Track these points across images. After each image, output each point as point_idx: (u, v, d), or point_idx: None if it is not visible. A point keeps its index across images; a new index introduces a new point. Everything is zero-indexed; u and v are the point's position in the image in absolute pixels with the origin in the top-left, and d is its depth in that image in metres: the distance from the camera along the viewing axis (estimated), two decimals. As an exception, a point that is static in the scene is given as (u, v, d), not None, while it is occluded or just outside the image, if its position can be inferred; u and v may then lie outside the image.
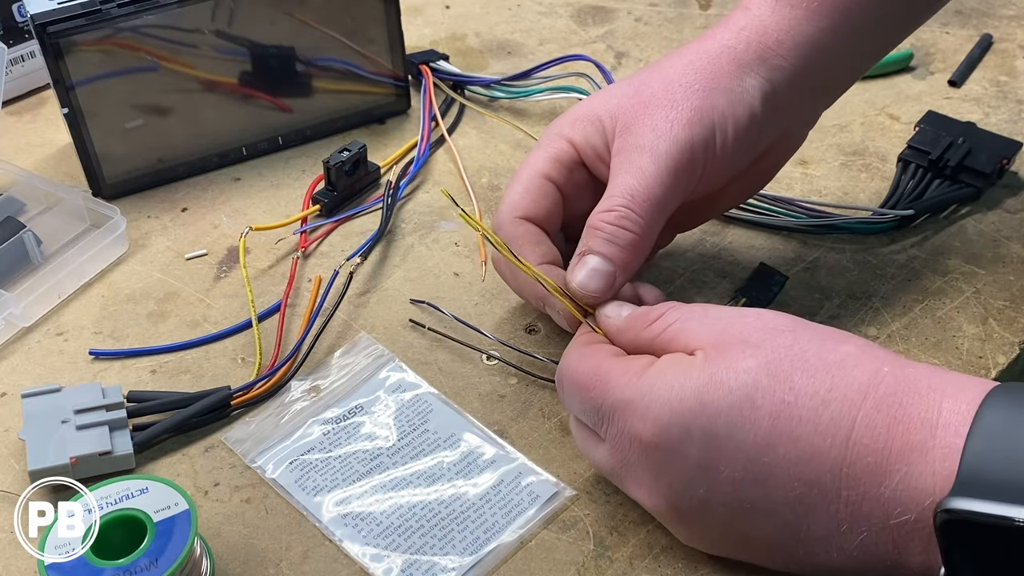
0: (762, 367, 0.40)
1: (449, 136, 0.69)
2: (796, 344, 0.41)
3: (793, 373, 0.40)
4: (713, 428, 0.40)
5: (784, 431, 0.39)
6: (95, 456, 0.49)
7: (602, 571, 0.46)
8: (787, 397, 0.39)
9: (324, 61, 0.68)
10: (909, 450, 0.37)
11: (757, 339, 0.41)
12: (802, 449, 0.39)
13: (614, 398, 0.43)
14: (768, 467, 0.39)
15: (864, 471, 0.38)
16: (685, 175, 0.49)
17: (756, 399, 0.40)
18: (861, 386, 0.39)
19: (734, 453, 0.40)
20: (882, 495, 0.38)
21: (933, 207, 0.62)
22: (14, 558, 0.47)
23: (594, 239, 0.48)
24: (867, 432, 0.38)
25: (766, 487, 0.40)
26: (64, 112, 0.62)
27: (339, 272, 0.59)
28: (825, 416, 0.39)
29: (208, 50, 0.65)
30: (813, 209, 0.62)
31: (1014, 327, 0.56)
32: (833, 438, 0.39)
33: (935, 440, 0.37)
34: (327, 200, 0.64)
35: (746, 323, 0.42)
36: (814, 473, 0.39)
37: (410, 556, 0.46)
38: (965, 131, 0.65)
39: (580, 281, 0.48)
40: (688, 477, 0.41)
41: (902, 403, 0.38)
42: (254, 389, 0.53)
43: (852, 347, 0.41)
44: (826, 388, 0.39)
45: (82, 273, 0.60)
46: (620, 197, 0.48)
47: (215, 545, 0.47)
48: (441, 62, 0.73)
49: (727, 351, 0.41)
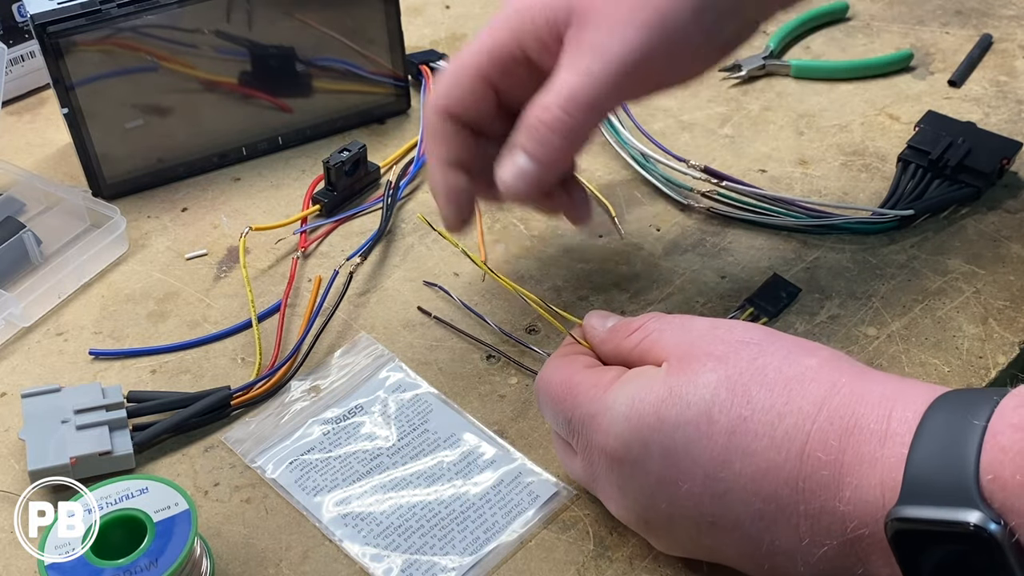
0: (722, 381, 0.40)
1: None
2: (759, 358, 0.40)
3: (751, 387, 0.39)
4: (671, 443, 0.40)
5: (740, 446, 0.39)
6: (95, 456, 0.49)
7: (602, 571, 0.46)
8: (744, 412, 0.39)
9: (324, 61, 0.68)
10: (859, 462, 0.37)
11: (722, 352, 0.41)
12: (758, 464, 0.39)
13: (582, 411, 0.43)
14: (726, 482, 0.39)
15: (819, 484, 0.38)
16: (631, 81, 0.46)
17: (713, 414, 0.39)
18: (816, 399, 0.39)
19: (692, 468, 0.40)
20: (837, 508, 0.37)
21: (933, 207, 0.62)
22: (14, 558, 0.47)
23: (527, 136, 0.47)
24: (820, 445, 0.38)
25: (725, 502, 0.39)
26: (64, 112, 0.62)
27: (339, 272, 0.59)
28: (780, 430, 0.38)
29: (208, 50, 0.65)
30: (813, 209, 0.62)
31: (1014, 327, 0.56)
32: (788, 452, 0.38)
33: (883, 451, 0.37)
34: (327, 200, 0.64)
35: (716, 336, 0.42)
36: (771, 487, 0.38)
37: (410, 556, 0.46)
38: (965, 131, 0.65)
39: (506, 180, 0.47)
40: (650, 491, 0.41)
41: (854, 414, 0.38)
42: (254, 389, 0.53)
43: (815, 360, 0.40)
44: (782, 402, 0.39)
45: (82, 273, 0.60)
46: (558, 97, 0.46)
47: (215, 545, 0.47)
48: (441, 62, 0.73)
49: (691, 363, 0.41)
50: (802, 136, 0.69)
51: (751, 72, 0.74)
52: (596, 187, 0.65)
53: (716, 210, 0.63)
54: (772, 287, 0.58)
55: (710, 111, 0.72)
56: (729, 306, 0.57)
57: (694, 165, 0.64)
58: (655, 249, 0.61)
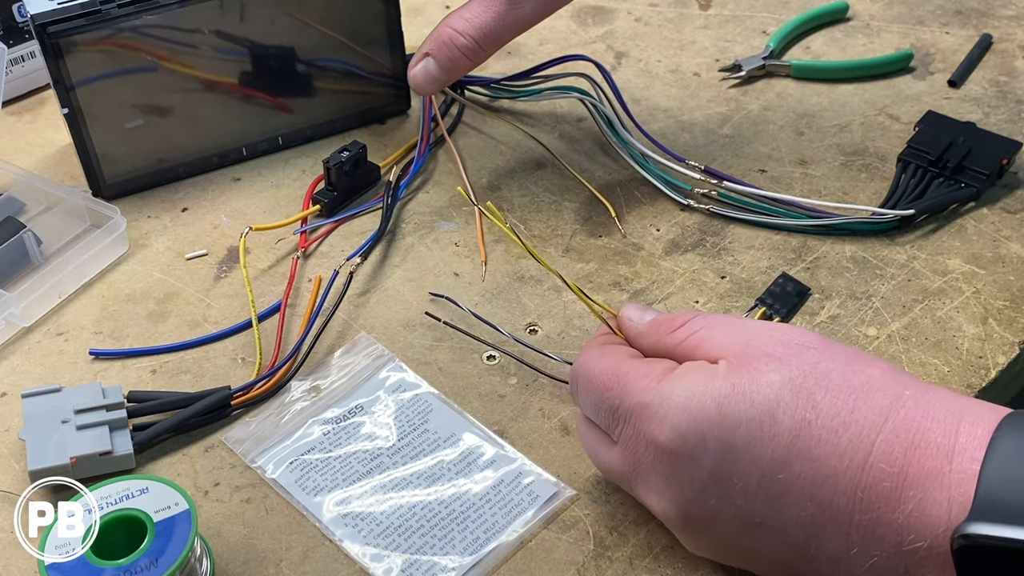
0: (786, 382, 0.40)
1: (449, 136, 0.69)
2: (821, 363, 0.40)
3: (816, 391, 0.39)
4: (731, 439, 0.39)
5: (802, 449, 0.39)
6: (95, 456, 0.49)
7: (602, 571, 0.46)
8: (808, 415, 0.39)
9: (324, 61, 0.68)
10: (925, 476, 0.37)
11: (782, 354, 0.41)
12: (818, 469, 0.38)
13: (632, 400, 0.42)
14: (783, 484, 0.39)
15: (879, 496, 0.37)
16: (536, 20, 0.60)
17: (777, 414, 0.39)
18: (882, 409, 0.39)
19: (750, 467, 0.39)
20: (896, 520, 0.37)
21: (933, 207, 0.62)
22: (14, 558, 0.47)
23: (438, 50, 0.61)
24: (884, 456, 0.38)
25: (779, 504, 0.39)
26: (64, 112, 0.62)
27: (339, 272, 0.59)
28: (844, 438, 0.38)
29: (208, 50, 0.65)
30: (813, 209, 0.62)
31: (1014, 327, 0.56)
32: (851, 460, 0.38)
33: (951, 466, 0.37)
34: (327, 200, 0.64)
35: (772, 337, 0.42)
36: (828, 494, 0.38)
37: (410, 556, 0.46)
38: (965, 131, 0.65)
39: (418, 81, 0.62)
40: (701, 486, 0.41)
41: (920, 428, 0.38)
42: (254, 389, 0.53)
43: (876, 371, 0.40)
44: (848, 409, 0.39)
45: (82, 273, 0.60)
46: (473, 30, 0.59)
47: (215, 545, 0.47)
48: None
49: (751, 363, 0.41)
50: (802, 136, 0.69)
51: (751, 72, 0.74)
52: (596, 187, 0.65)
53: (716, 210, 0.63)
54: (781, 286, 0.58)
55: (710, 111, 0.72)
56: (729, 306, 0.57)
57: (694, 165, 0.64)
58: (655, 249, 0.61)
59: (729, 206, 0.63)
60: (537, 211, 0.64)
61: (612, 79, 0.68)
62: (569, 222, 0.63)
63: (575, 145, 0.69)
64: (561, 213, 0.64)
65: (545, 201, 0.65)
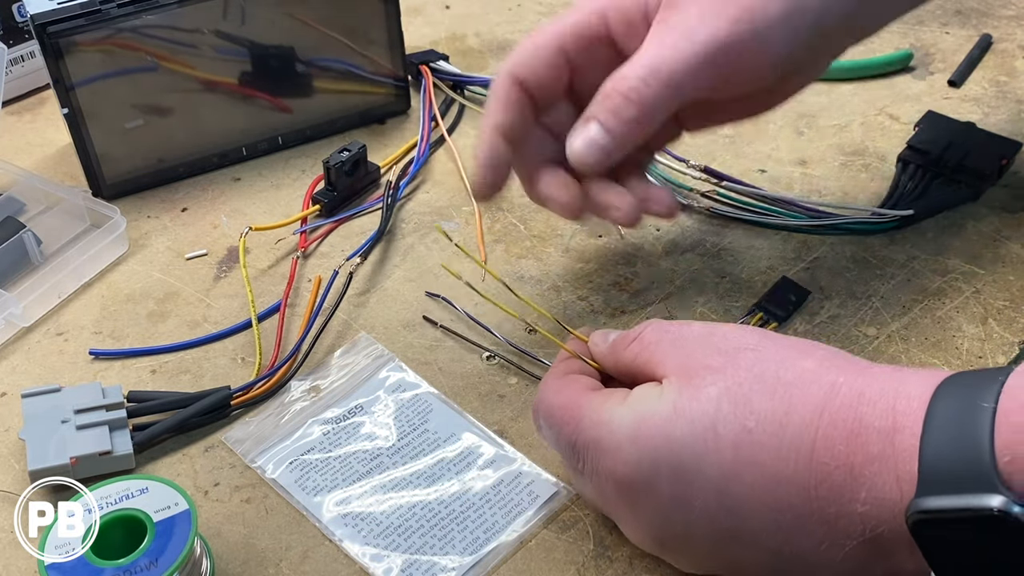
0: (723, 393, 0.39)
1: (449, 136, 0.69)
2: (756, 364, 0.40)
3: (752, 396, 0.39)
4: (680, 462, 0.39)
5: (747, 458, 0.39)
6: (95, 456, 0.49)
7: (602, 571, 0.46)
8: (748, 423, 0.39)
9: (324, 61, 0.68)
10: (871, 461, 0.37)
11: (719, 364, 0.40)
12: (768, 475, 0.38)
13: (586, 436, 0.42)
14: (738, 496, 0.39)
15: (831, 490, 0.37)
16: (715, 69, 0.47)
17: (718, 428, 0.39)
18: (817, 403, 0.38)
19: (703, 484, 0.39)
20: (854, 510, 0.37)
21: (933, 207, 0.62)
22: (14, 558, 0.47)
23: (601, 106, 0.47)
24: (826, 451, 0.37)
25: (740, 515, 0.39)
26: (64, 112, 0.62)
27: (339, 272, 0.59)
28: (785, 439, 0.38)
29: (208, 50, 0.65)
30: (813, 209, 0.62)
31: (1014, 327, 0.56)
32: (795, 461, 0.38)
33: (894, 447, 0.36)
34: (327, 200, 0.64)
35: (712, 344, 0.42)
36: (784, 497, 0.38)
37: (410, 556, 0.46)
38: (965, 131, 0.65)
39: (577, 149, 0.47)
40: (664, 512, 0.41)
41: (857, 415, 0.37)
42: (254, 389, 0.53)
43: (812, 362, 0.40)
44: (783, 410, 0.39)
45: (82, 273, 0.60)
46: (642, 69, 0.46)
47: (215, 545, 0.47)
48: (441, 62, 0.73)
49: (692, 378, 0.41)
50: (802, 136, 0.69)
51: (751, 72, 0.74)
52: (596, 187, 0.65)
53: (716, 210, 0.63)
54: (781, 290, 0.58)
55: (710, 111, 0.72)
56: (729, 306, 0.57)
57: (694, 165, 0.64)
58: (655, 249, 0.61)
59: (729, 206, 0.63)
60: (537, 211, 0.64)
61: None
62: (569, 222, 0.63)
63: (575, 145, 0.69)
64: (561, 213, 0.64)
65: (545, 201, 0.65)
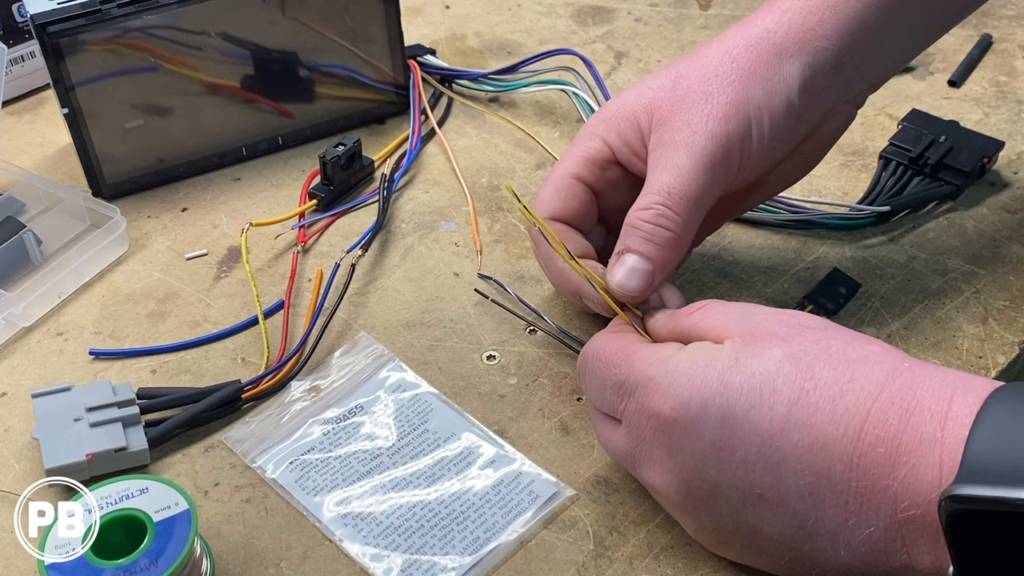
0: (787, 356, 0.41)
1: (439, 128, 0.70)
2: (823, 340, 0.41)
3: (815, 364, 0.40)
4: (731, 408, 0.40)
5: (800, 417, 0.39)
6: (110, 452, 0.49)
7: (602, 571, 0.46)
8: (807, 385, 0.40)
9: (326, 67, 0.68)
10: (918, 442, 0.38)
11: (786, 333, 0.42)
12: (816, 437, 0.39)
13: (638, 374, 0.43)
14: (781, 452, 0.40)
15: (874, 462, 0.38)
16: (722, 170, 0.48)
17: (776, 384, 0.40)
18: (879, 379, 0.40)
19: (749, 435, 0.40)
20: (890, 487, 0.38)
21: (911, 204, 0.62)
22: (14, 558, 0.47)
23: (632, 238, 0.48)
24: (879, 423, 0.38)
25: (778, 472, 0.40)
26: (64, 112, 0.62)
27: (340, 265, 0.59)
28: (841, 406, 0.39)
29: (209, 52, 0.65)
30: (792, 205, 0.62)
31: (1014, 327, 0.56)
32: (846, 427, 0.39)
33: (943, 432, 0.37)
34: (324, 195, 0.64)
35: (780, 320, 0.43)
36: (825, 461, 0.39)
37: (410, 556, 0.46)
38: (948, 129, 0.65)
39: (619, 280, 0.48)
40: (702, 456, 0.41)
41: (916, 396, 0.39)
42: (264, 382, 0.53)
43: (877, 347, 0.42)
44: (846, 379, 0.40)
45: (82, 273, 0.60)
46: (657, 195, 0.48)
47: (215, 545, 0.47)
48: (428, 56, 0.73)
49: (756, 341, 0.42)
50: (802, 136, 0.69)
51: (751, 72, 0.74)
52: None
53: None
54: (831, 283, 0.58)
55: (710, 111, 0.71)
56: (729, 306, 0.57)
57: None
58: (655, 249, 0.61)
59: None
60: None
61: (598, 72, 0.69)
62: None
63: (575, 145, 0.69)
64: (561, 213, 0.64)
65: (545, 201, 0.65)
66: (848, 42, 0.50)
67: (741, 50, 0.49)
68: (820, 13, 0.49)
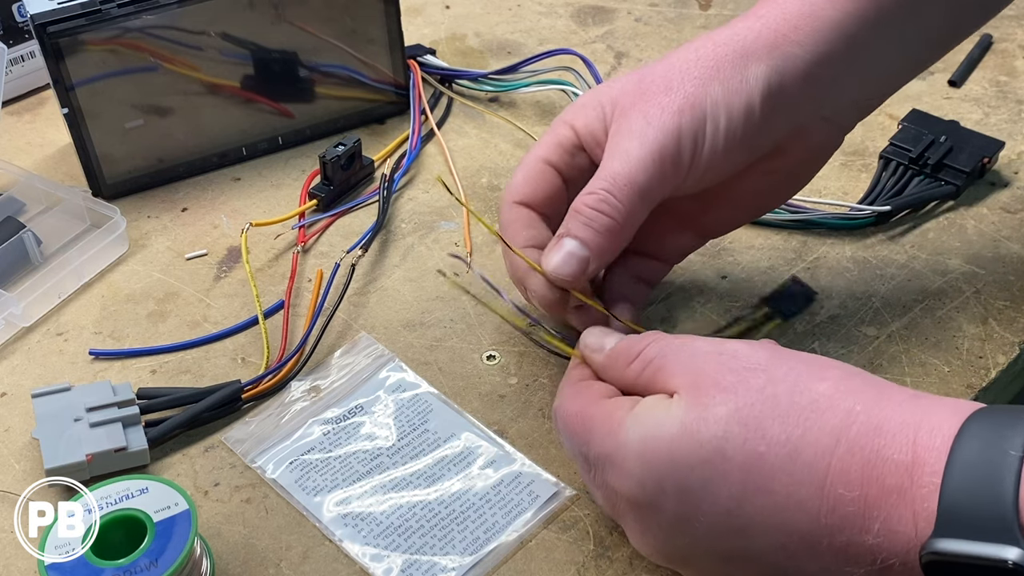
0: (732, 415, 0.39)
1: (439, 129, 0.70)
2: (768, 386, 0.40)
3: (764, 420, 0.39)
4: (686, 483, 0.40)
5: (758, 483, 0.38)
6: (111, 452, 0.49)
7: (602, 571, 0.46)
8: (759, 448, 0.39)
9: (326, 67, 0.68)
10: (887, 494, 0.37)
11: (729, 382, 0.40)
12: (777, 500, 0.38)
13: (596, 450, 0.43)
14: (747, 518, 0.39)
15: (843, 519, 0.37)
16: (671, 163, 0.47)
17: (727, 451, 0.39)
18: (833, 430, 0.38)
19: (711, 506, 0.39)
20: (865, 542, 0.37)
21: (910, 204, 0.62)
22: (14, 558, 0.47)
23: (573, 222, 0.47)
24: (841, 480, 0.37)
25: (747, 535, 0.39)
26: (64, 112, 0.62)
27: (340, 265, 0.59)
28: (798, 465, 0.38)
29: (209, 52, 0.65)
30: (793, 205, 0.62)
31: (1014, 327, 0.56)
32: (808, 487, 0.38)
33: (912, 482, 0.36)
34: (323, 195, 0.64)
35: (721, 363, 0.41)
36: (793, 523, 0.38)
37: (410, 556, 0.46)
38: (948, 129, 0.65)
39: (554, 264, 0.47)
40: (668, 528, 0.41)
41: (874, 446, 0.37)
42: (264, 382, 0.53)
43: (826, 385, 0.40)
44: (798, 434, 0.38)
45: (82, 273, 0.60)
46: (603, 181, 0.47)
47: (215, 545, 0.47)
48: (428, 56, 0.73)
49: (701, 396, 0.40)
50: (802, 136, 0.69)
51: (751, 72, 0.74)
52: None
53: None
54: (788, 289, 0.58)
55: (710, 111, 0.71)
56: (729, 306, 0.57)
57: None
58: (655, 249, 0.61)
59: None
60: (537, 211, 0.64)
61: (598, 72, 0.69)
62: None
63: (575, 145, 0.69)
64: (561, 213, 0.64)
65: (545, 201, 0.65)
66: (824, 51, 0.48)
67: (708, 49, 0.49)
68: (795, 20, 0.48)
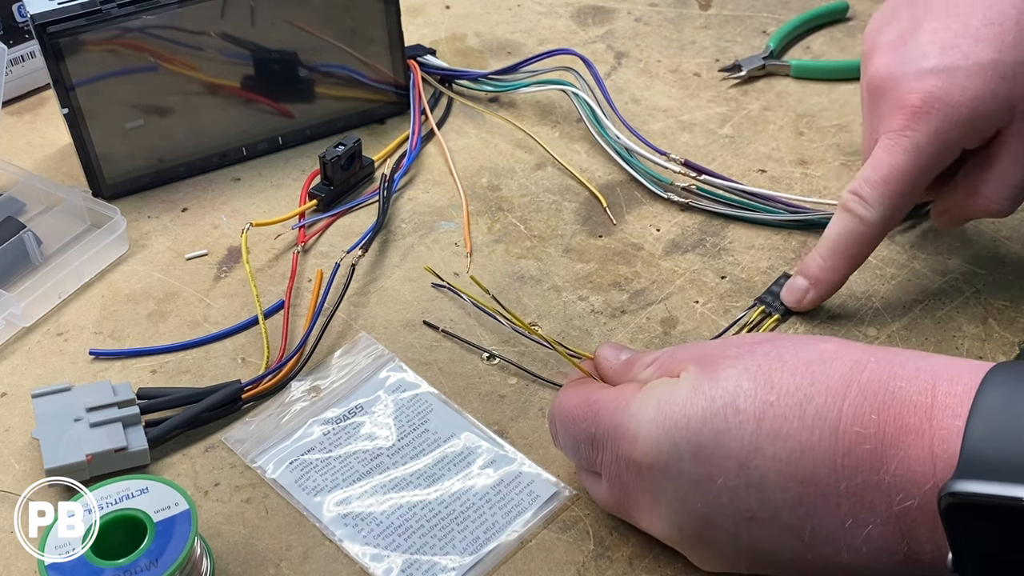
0: (742, 372, 0.40)
1: (439, 129, 0.70)
2: (774, 350, 0.41)
3: (772, 373, 0.40)
4: (700, 438, 0.40)
5: (770, 431, 0.39)
6: (111, 452, 0.49)
7: (602, 571, 0.46)
8: (769, 397, 0.39)
9: (326, 67, 0.68)
10: (904, 433, 0.37)
11: (737, 353, 0.42)
12: (791, 447, 0.39)
13: (605, 424, 0.43)
14: (760, 469, 0.39)
15: (860, 460, 0.38)
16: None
17: (738, 403, 0.40)
18: (843, 376, 0.39)
19: (724, 461, 0.40)
20: (882, 481, 0.37)
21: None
22: (14, 558, 0.47)
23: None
24: (856, 420, 0.38)
25: (762, 490, 0.39)
26: (64, 112, 0.62)
27: (340, 265, 0.59)
28: (810, 410, 0.39)
29: (209, 52, 0.65)
30: (793, 205, 0.62)
31: (1014, 327, 0.56)
32: (821, 431, 0.38)
33: (931, 422, 0.37)
34: (324, 195, 0.64)
35: (728, 343, 0.43)
36: (808, 469, 0.38)
37: (410, 556, 0.46)
38: None
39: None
40: (684, 493, 0.41)
41: (889, 388, 0.38)
42: (264, 383, 0.53)
43: (830, 344, 0.41)
44: (807, 383, 0.39)
45: (82, 273, 0.60)
46: (1007, 189, 0.52)
47: (215, 545, 0.47)
48: (428, 56, 0.73)
49: (709, 366, 0.42)
50: (802, 136, 0.69)
51: (751, 72, 0.74)
52: (596, 187, 0.65)
53: (695, 204, 0.63)
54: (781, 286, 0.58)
55: (710, 111, 0.72)
56: (729, 306, 0.57)
57: (674, 159, 0.64)
58: (655, 249, 0.61)
59: (707, 200, 0.63)
60: (537, 211, 0.64)
61: (598, 73, 0.69)
62: (569, 222, 0.63)
63: (574, 145, 0.69)
64: (561, 213, 0.64)
65: (545, 201, 0.65)
66: None
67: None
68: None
